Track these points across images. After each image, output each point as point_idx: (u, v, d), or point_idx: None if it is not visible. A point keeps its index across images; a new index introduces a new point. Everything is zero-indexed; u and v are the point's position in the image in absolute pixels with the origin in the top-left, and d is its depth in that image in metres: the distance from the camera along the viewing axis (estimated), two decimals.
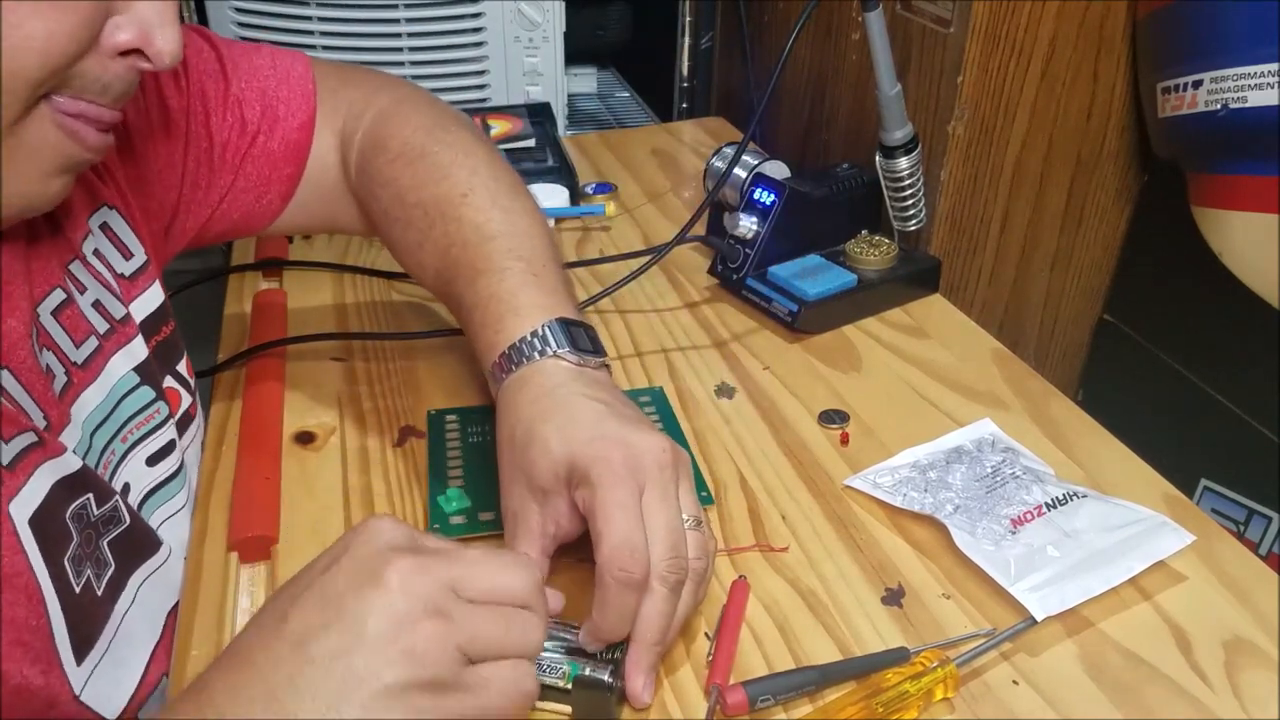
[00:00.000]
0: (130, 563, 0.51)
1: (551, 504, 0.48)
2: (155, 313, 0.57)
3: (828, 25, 1.02)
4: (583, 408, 0.49)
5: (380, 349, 0.73)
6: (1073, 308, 1.03)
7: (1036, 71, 0.86)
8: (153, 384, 0.55)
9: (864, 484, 0.60)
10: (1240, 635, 0.50)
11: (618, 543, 0.44)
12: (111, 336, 0.53)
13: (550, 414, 0.49)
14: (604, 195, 0.97)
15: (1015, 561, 0.53)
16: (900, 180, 0.79)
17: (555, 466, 0.47)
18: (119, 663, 0.48)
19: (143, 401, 0.54)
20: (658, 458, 0.47)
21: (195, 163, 0.59)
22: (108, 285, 0.53)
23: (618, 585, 0.44)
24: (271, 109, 0.62)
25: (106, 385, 0.52)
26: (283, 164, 0.63)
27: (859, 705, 0.45)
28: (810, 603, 0.52)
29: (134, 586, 0.51)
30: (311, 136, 0.63)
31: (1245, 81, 0.77)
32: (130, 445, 0.53)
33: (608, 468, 0.45)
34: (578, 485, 0.46)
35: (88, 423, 0.50)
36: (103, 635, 0.48)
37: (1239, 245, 0.83)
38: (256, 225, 0.65)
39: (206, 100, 0.59)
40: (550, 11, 1.11)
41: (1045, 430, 0.65)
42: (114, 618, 0.49)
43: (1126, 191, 0.98)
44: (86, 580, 0.47)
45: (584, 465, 0.46)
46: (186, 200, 0.60)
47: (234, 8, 1.08)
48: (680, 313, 0.79)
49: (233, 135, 0.61)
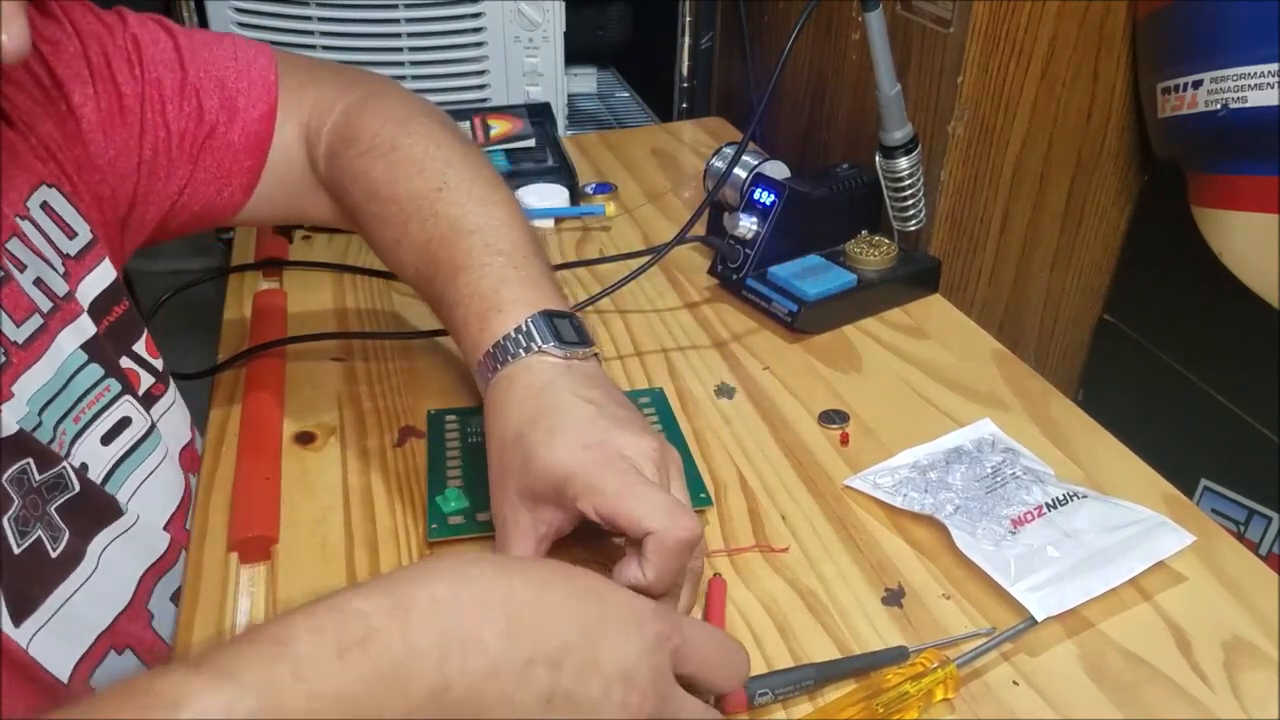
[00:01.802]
0: (88, 528, 0.51)
1: (543, 509, 0.48)
2: (106, 292, 0.56)
3: (828, 25, 1.02)
4: (572, 410, 0.48)
5: (380, 349, 0.73)
6: (1073, 308, 1.03)
7: (1036, 71, 0.86)
8: (102, 361, 0.54)
9: (864, 484, 0.60)
10: (1240, 635, 0.50)
11: (666, 507, 0.44)
12: (56, 314, 0.52)
13: (539, 418, 0.48)
14: (604, 195, 0.97)
15: (1015, 562, 0.53)
16: (900, 180, 0.79)
17: (548, 476, 0.47)
18: (72, 624, 0.49)
19: (92, 379, 0.54)
20: (650, 457, 0.47)
21: (152, 152, 0.59)
22: (50, 262, 0.53)
23: (680, 546, 0.44)
24: (231, 100, 0.61)
25: (54, 363, 0.51)
26: (243, 155, 0.62)
27: (859, 705, 0.45)
28: (810, 603, 0.52)
29: (95, 552, 0.51)
30: (273, 128, 0.62)
31: (1245, 81, 0.77)
32: (83, 426, 0.53)
33: (610, 470, 0.45)
34: (578, 496, 0.46)
35: (34, 400, 0.50)
36: (51, 597, 0.48)
37: (1239, 245, 0.83)
38: (221, 216, 0.64)
39: (162, 88, 0.59)
40: (550, 11, 1.11)
41: (1045, 430, 0.65)
42: (71, 581, 0.49)
43: (1126, 191, 0.98)
44: (35, 542, 0.47)
45: (582, 475, 0.46)
46: (144, 191, 0.60)
47: (234, 8, 1.08)
48: (680, 313, 0.79)
49: (190, 125, 0.60)
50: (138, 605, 0.53)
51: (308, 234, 0.90)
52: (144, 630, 0.54)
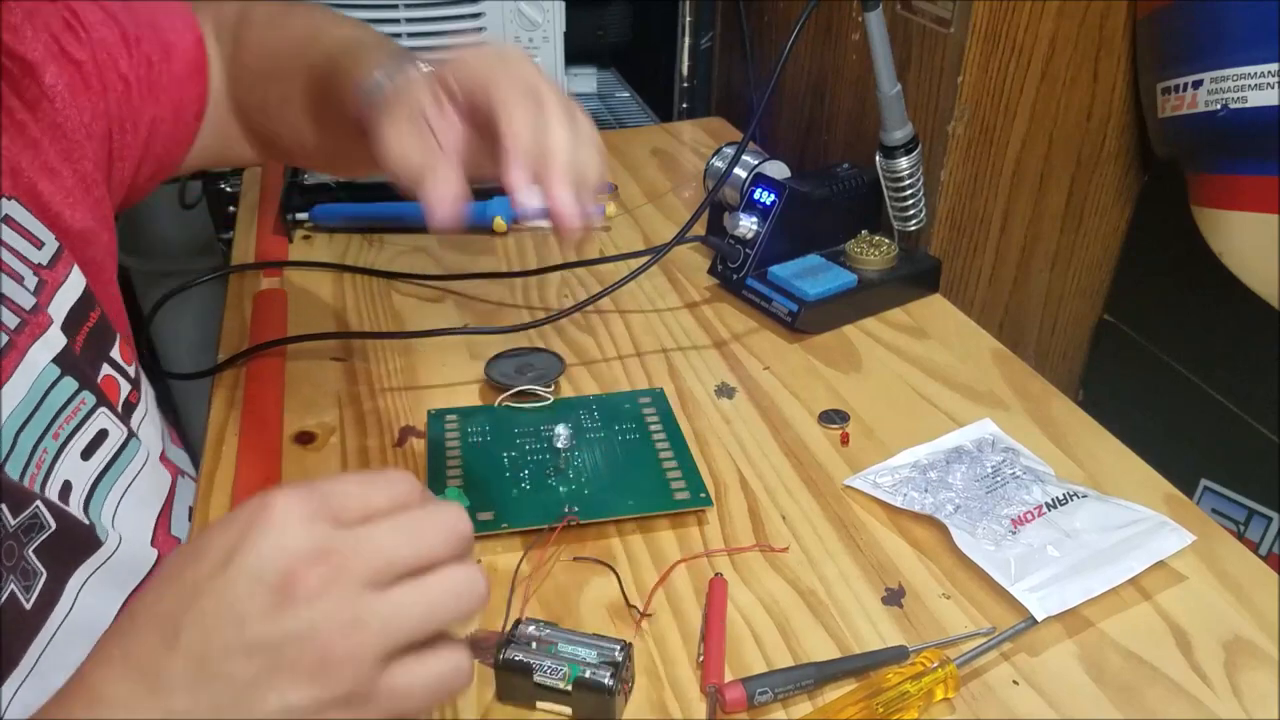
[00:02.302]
0: (64, 567, 0.50)
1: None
2: (79, 303, 0.56)
3: (828, 25, 1.02)
4: None
5: (380, 349, 0.73)
6: (1073, 308, 1.03)
7: (1036, 71, 0.86)
8: (76, 374, 0.54)
9: (864, 484, 0.60)
10: (1240, 635, 0.50)
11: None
12: (24, 330, 0.51)
13: None
14: (604, 195, 0.97)
15: (1015, 561, 0.53)
16: (900, 180, 0.79)
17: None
18: (52, 671, 0.47)
19: (66, 394, 0.53)
20: None
21: (118, 107, 0.60)
22: (16, 276, 0.52)
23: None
24: (163, 37, 0.64)
25: (27, 381, 0.50)
26: (188, 83, 0.65)
27: (859, 705, 0.45)
28: (810, 603, 0.52)
29: (73, 591, 0.50)
30: (205, 50, 0.66)
31: (1245, 81, 0.77)
32: (63, 442, 0.52)
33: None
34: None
35: (9, 425, 0.48)
36: (29, 651, 0.47)
37: (1239, 245, 0.83)
38: (178, 153, 0.66)
39: (109, 47, 0.60)
40: (550, 11, 1.11)
41: (1045, 430, 0.65)
42: (47, 628, 0.48)
43: (1126, 191, 0.98)
44: (9, 596, 0.46)
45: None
46: (119, 146, 0.61)
47: None
48: (680, 313, 0.79)
49: (142, 71, 0.62)
50: None
51: (308, 234, 0.90)
52: None
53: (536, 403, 0.66)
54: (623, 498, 0.58)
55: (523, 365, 0.69)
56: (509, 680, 0.46)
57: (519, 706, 0.46)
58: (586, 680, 0.45)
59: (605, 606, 0.52)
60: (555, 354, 0.71)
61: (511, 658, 0.46)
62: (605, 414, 0.65)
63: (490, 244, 0.89)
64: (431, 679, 0.34)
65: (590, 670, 0.45)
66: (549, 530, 0.55)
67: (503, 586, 0.52)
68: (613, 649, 0.46)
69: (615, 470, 0.60)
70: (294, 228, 0.90)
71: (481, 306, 0.79)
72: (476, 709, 0.46)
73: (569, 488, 0.58)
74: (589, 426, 0.64)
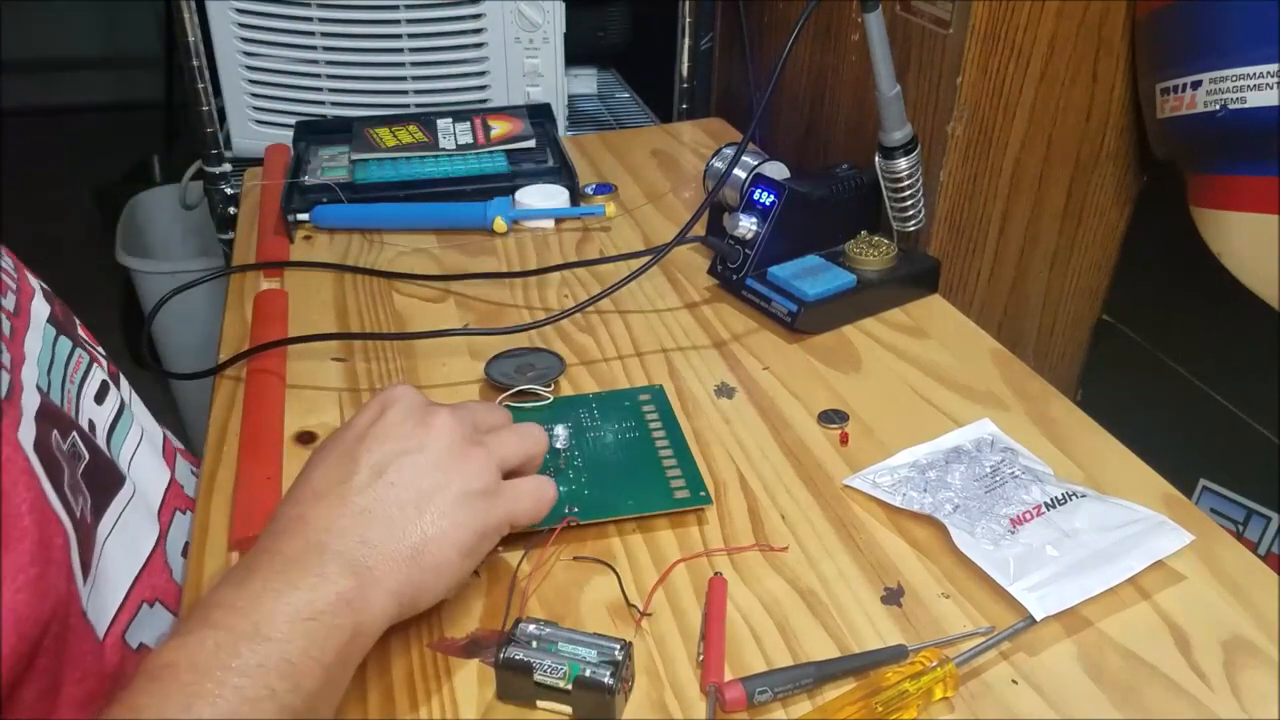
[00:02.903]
0: (102, 497, 0.52)
1: None
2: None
3: (828, 26, 1.02)
4: None
5: (380, 349, 0.73)
6: (1072, 308, 1.03)
7: (1036, 72, 0.86)
8: (68, 335, 0.56)
9: (863, 484, 0.60)
10: (1240, 635, 0.51)
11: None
12: (20, 291, 0.54)
13: None
14: (604, 196, 0.97)
15: (1014, 561, 0.53)
16: (900, 181, 0.79)
17: None
18: (106, 584, 0.49)
19: (66, 349, 0.55)
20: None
21: None
22: None
23: None
24: None
25: (39, 332, 0.53)
26: None
27: (858, 704, 0.45)
28: (810, 602, 0.52)
29: (113, 517, 0.52)
30: None
31: (1245, 82, 0.77)
32: (78, 385, 0.55)
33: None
34: None
35: (40, 361, 0.51)
36: (94, 558, 0.49)
37: (1239, 246, 0.83)
38: None
39: None
40: (550, 12, 1.11)
41: (1045, 430, 0.66)
42: (98, 542, 0.50)
43: (1126, 191, 0.98)
44: (81, 506, 0.48)
45: None
46: None
47: (234, 8, 1.08)
48: (680, 313, 0.79)
49: None
50: (145, 574, 0.53)
51: (308, 234, 0.90)
52: (169, 583, 0.55)
53: (536, 402, 0.66)
54: (622, 497, 0.58)
55: (523, 365, 0.69)
56: (509, 679, 0.46)
57: (519, 705, 0.46)
58: (587, 679, 0.45)
59: (605, 606, 0.52)
60: (555, 354, 0.71)
61: (512, 657, 0.46)
62: (605, 412, 0.65)
63: (490, 244, 0.89)
64: (533, 484, 0.51)
65: (590, 669, 0.45)
66: (549, 530, 0.55)
67: (503, 586, 0.52)
68: (613, 648, 0.46)
69: (615, 470, 0.60)
70: (295, 228, 0.90)
71: (482, 307, 0.79)
72: (476, 708, 0.46)
73: (569, 487, 0.58)
74: (589, 426, 0.64)
